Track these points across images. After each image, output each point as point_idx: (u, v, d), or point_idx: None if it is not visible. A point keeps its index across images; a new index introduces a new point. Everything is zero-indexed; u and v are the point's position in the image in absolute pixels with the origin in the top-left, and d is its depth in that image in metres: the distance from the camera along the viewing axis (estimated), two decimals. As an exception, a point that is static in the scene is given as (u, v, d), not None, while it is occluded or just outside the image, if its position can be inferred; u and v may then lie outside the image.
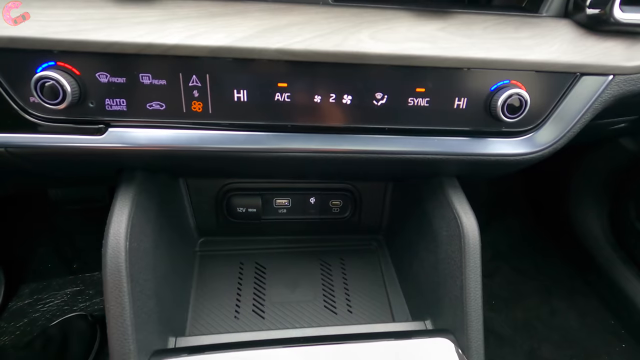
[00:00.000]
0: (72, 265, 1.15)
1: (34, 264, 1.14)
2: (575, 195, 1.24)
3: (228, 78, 0.46)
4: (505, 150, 0.53)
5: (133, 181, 0.55)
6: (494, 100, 0.48)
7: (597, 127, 0.69)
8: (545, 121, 0.52)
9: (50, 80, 0.42)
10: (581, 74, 0.49)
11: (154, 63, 0.44)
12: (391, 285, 0.76)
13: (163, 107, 0.47)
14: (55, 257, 1.17)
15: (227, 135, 0.49)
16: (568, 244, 1.28)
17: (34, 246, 1.17)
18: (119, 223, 0.50)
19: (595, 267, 1.18)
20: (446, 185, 0.61)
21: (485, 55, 0.47)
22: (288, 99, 0.47)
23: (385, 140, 0.51)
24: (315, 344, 0.53)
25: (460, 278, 0.54)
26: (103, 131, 0.47)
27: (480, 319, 0.54)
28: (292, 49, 0.44)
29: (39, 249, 1.17)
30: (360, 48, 0.45)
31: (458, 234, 0.55)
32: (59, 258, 1.17)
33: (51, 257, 1.17)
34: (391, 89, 0.48)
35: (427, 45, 0.46)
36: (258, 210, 0.76)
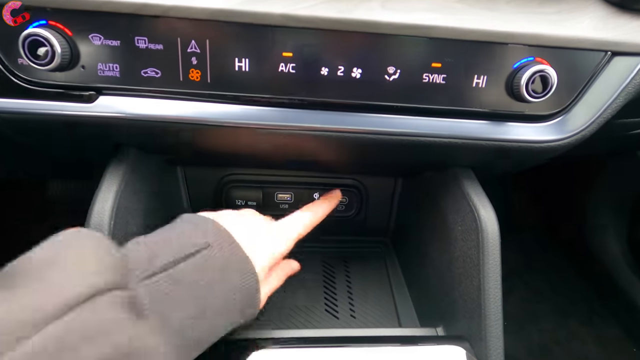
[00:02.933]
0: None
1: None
2: (592, 212, 1.19)
3: (229, 45, 0.42)
4: (529, 136, 0.48)
5: (125, 159, 0.52)
6: (517, 78, 0.44)
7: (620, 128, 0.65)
8: (573, 105, 0.47)
9: (40, 38, 0.39)
10: (613, 54, 0.45)
11: (150, 25, 0.41)
12: (399, 291, 0.70)
13: (158, 75, 0.44)
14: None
15: (226, 109, 0.46)
16: (585, 264, 1.22)
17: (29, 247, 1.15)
18: (104, 200, 0.46)
19: (615, 290, 1.12)
20: (461, 176, 0.56)
21: (508, 28, 0.43)
22: (293, 70, 0.44)
23: (397, 120, 0.47)
24: (314, 345, 0.48)
25: (478, 277, 0.49)
26: (94, 98, 0.44)
27: (501, 324, 0.47)
28: (297, 14, 0.41)
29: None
30: (371, 16, 0.42)
31: (475, 228, 0.50)
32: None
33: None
34: (405, 63, 0.44)
35: (444, 15, 0.43)
36: (258, 204, 0.71)
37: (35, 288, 0.28)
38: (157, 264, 0.35)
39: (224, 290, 0.38)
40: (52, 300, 0.27)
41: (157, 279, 0.34)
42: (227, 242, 0.40)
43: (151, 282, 0.34)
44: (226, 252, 0.39)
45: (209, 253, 0.38)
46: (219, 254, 0.38)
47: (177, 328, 0.34)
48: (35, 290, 0.28)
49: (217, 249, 0.38)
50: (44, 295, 0.28)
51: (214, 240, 0.39)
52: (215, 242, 0.39)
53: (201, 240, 0.39)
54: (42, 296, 0.28)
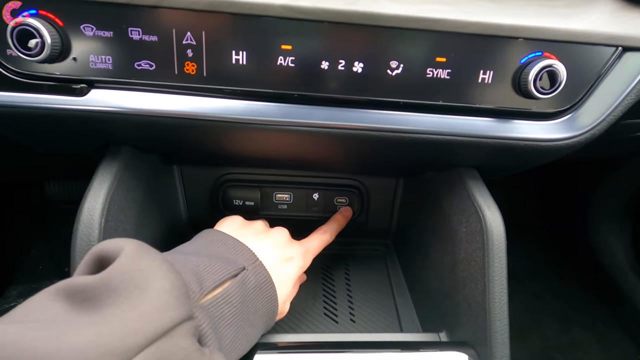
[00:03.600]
0: (64, 268, 1.10)
1: (24, 264, 1.09)
2: (595, 216, 1.17)
3: (226, 37, 0.41)
4: (537, 134, 0.46)
5: (118, 155, 0.50)
6: (525, 74, 0.42)
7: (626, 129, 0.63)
8: (582, 102, 0.45)
9: (29, 28, 0.37)
10: (624, 49, 0.43)
11: (144, 16, 0.40)
12: (400, 294, 0.68)
13: (152, 67, 0.42)
14: (48, 259, 1.13)
15: (222, 103, 0.44)
16: (588, 269, 1.20)
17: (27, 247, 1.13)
18: (95, 197, 0.44)
19: (619, 297, 1.10)
20: (465, 176, 0.54)
21: (515, 22, 0.41)
22: (292, 63, 0.42)
23: (400, 117, 0.45)
24: (313, 351, 0.46)
25: (483, 280, 0.47)
26: (85, 91, 0.43)
27: (507, 330, 0.46)
28: (298, 5, 0.39)
29: (32, 250, 1.13)
30: (374, 8, 0.40)
31: (480, 229, 0.48)
32: (51, 260, 1.13)
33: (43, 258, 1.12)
34: (408, 57, 0.43)
35: (449, 7, 0.41)
36: (256, 204, 0.70)
37: (126, 315, 0.28)
38: (207, 286, 0.38)
39: (257, 306, 0.43)
40: (140, 330, 0.27)
41: (210, 302, 0.37)
42: (259, 267, 0.45)
43: (206, 305, 0.37)
44: (259, 277, 0.44)
45: (245, 274, 0.42)
46: (253, 278, 0.43)
47: (228, 345, 0.38)
48: (125, 316, 0.28)
49: (251, 272, 0.43)
50: (133, 324, 0.27)
51: (249, 263, 0.44)
52: (250, 266, 0.44)
53: (239, 264, 0.43)
54: (131, 325, 0.27)
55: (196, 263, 0.39)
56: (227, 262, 0.42)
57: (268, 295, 0.45)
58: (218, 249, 0.44)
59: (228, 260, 0.42)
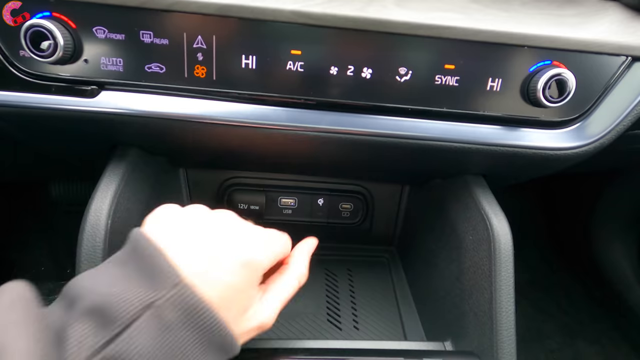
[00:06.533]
0: (67, 270, 1.10)
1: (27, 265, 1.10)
2: (599, 229, 1.16)
3: (236, 41, 0.41)
4: (545, 142, 0.46)
5: (125, 157, 0.50)
6: (534, 82, 0.42)
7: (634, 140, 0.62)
8: (591, 111, 0.45)
9: (42, 30, 0.38)
10: (633, 59, 0.43)
11: (156, 19, 0.40)
12: (404, 302, 0.68)
13: (163, 70, 0.42)
14: (50, 260, 1.13)
15: (231, 107, 0.44)
16: (593, 282, 1.19)
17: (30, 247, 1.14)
18: (102, 198, 0.44)
19: (625, 310, 1.08)
20: (472, 184, 0.54)
21: (525, 30, 0.42)
22: (301, 68, 0.43)
23: (408, 123, 0.46)
24: (317, 357, 0.46)
25: (490, 290, 0.46)
26: (96, 93, 0.43)
27: (514, 340, 0.45)
28: (309, 11, 0.40)
29: (35, 250, 1.13)
30: (384, 15, 0.40)
31: (487, 237, 0.48)
32: (54, 261, 1.13)
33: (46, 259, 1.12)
34: (417, 63, 0.43)
35: (458, 15, 0.41)
36: (261, 208, 0.70)
37: None
38: (113, 328, 0.28)
39: (186, 342, 0.31)
40: None
41: (114, 350, 0.27)
42: (183, 290, 0.31)
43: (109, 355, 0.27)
44: (184, 304, 0.30)
45: (160, 307, 0.29)
46: (172, 310, 0.30)
47: None
48: None
49: (169, 302, 0.30)
50: None
51: (168, 289, 0.30)
52: (168, 293, 0.30)
53: (153, 292, 0.30)
54: None
55: (105, 293, 0.29)
56: (138, 289, 0.30)
57: (203, 325, 0.31)
58: (131, 269, 0.32)
59: (140, 286, 0.30)
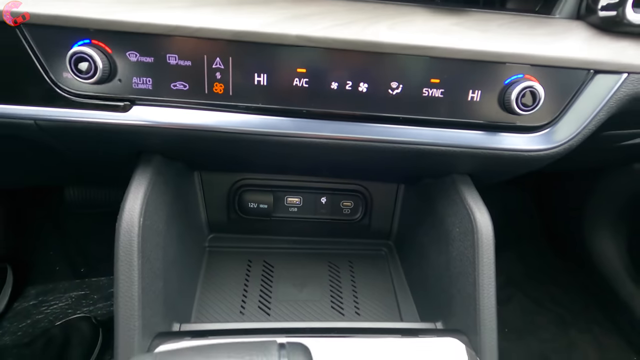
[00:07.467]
0: (80, 269, 1.16)
1: (42, 265, 1.15)
2: (590, 223, 1.19)
3: (250, 62, 0.48)
4: (520, 145, 0.53)
5: (151, 163, 0.57)
6: (508, 93, 0.49)
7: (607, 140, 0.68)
8: (560, 117, 0.52)
9: (84, 55, 0.44)
10: (595, 72, 0.50)
11: (181, 44, 0.47)
12: (401, 290, 0.74)
13: (186, 88, 0.49)
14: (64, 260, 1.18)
15: (245, 118, 0.51)
16: (586, 275, 1.22)
17: (45, 248, 1.18)
18: (134, 199, 0.51)
19: (617, 303, 1.13)
20: (459, 182, 0.60)
21: (500, 48, 0.48)
22: (306, 84, 0.49)
23: (399, 130, 0.52)
24: (321, 335, 0.52)
25: (473, 275, 0.53)
26: (128, 108, 0.49)
27: (494, 318, 0.51)
28: (311, 35, 0.46)
29: (49, 251, 1.18)
30: (378, 37, 0.47)
31: (471, 229, 0.54)
32: (68, 261, 1.18)
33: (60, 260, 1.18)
34: (406, 78, 0.49)
35: (442, 37, 0.48)
36: (269, 207, 0.76)
37: None
38: None
39: None
40: None
41: None
42: None
43: None
44: None
45: None
46: None
47: None
48: None
49: None
50: None
51: None
52: None
53: None
54: None
55: None
56: None
57: None
58: None
59: None
